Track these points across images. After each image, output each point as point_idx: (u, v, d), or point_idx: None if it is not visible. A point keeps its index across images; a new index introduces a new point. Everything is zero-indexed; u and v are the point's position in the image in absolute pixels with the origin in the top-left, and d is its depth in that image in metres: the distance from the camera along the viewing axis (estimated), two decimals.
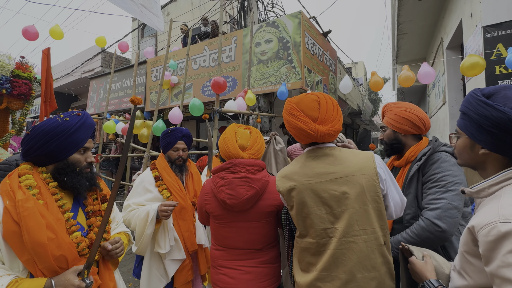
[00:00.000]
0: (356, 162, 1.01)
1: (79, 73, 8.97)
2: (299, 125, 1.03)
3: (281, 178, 1.09)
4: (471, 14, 4.08)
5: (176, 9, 8.44)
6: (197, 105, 3.40)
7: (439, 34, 6.58)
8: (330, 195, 0.97)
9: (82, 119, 1.07)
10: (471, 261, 0.71)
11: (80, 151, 1.07)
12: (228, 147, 1.31)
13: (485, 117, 0.71)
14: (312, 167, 1.03)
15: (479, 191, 0.75)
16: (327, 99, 1.06)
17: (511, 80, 3.39)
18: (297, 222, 1.04)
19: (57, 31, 4.20)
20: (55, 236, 0.91)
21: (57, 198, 1.02)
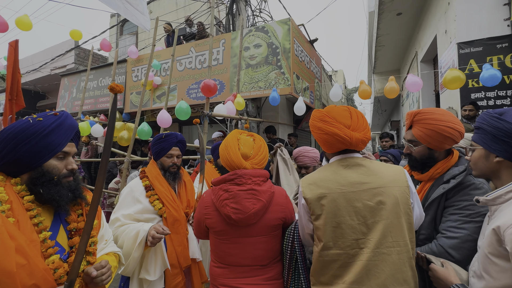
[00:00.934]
0: (388, 174, 1.00)
1: (48, 69, 8.28)
2: (333, 131, 1.01)
3: (309, 185, 1.03)
4: (445, 31, 4.40)
5: (159, 8, 8.16)
6: (184, 108, 3.26)
7: (414, 47, 7.05)
8: (364, 205, 0.94)
9: (59, 119, 0.92)
10: (496, 261, 0.76)
11: (58, 157, 0.92)
12: (230, 156, 1.21)
13: (498, 129, 0.83)
14: (345, 175, 0.99)
15: (495, 198, 0.82)
16: (356, 110, 1.07)
17: (481, 93, 3.69)
18: (323, 233, 0.97)
19: (24, 21, 3.84)
20: (26, 261, 0.76)
21: (32, 214, 0.86)
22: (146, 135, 3.53)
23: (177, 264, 1.59)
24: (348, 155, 1.06)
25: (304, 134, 7.08)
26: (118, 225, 1.52)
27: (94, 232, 0.99)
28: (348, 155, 1.06)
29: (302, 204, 1.06)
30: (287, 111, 5.78)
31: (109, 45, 5.08)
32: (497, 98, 3.60)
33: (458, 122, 1.12)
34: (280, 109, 5.43)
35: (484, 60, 3.63)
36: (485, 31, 3.69)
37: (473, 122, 3.40)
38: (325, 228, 0.97)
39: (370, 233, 0.92)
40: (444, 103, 4.58)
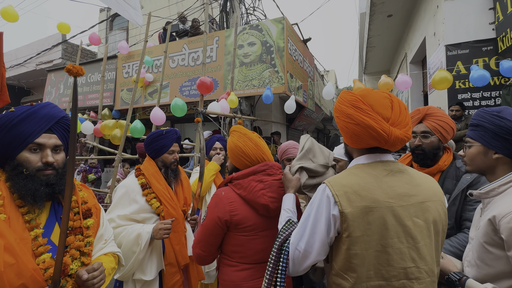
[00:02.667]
0: (429, 185, 0.84)
1: (33, 64, 7.98)
2: (368, 122, 0.78)
3: (346, 193, 0.77)
4: (434, 33, 4.53)
5: (151, 4, 8.01)
6: (180, 105, 3.22)
7: (404, 49, 7.22)
8: (414, 224, 0.76)
9: (32, 108, 0.87)
10: (491, 250, 0.80)
11: (31, 149, 0.85)
12: (261, 149, 1.23)
13: (500, 127, 0.87)
14: (391, 185, 0.79)
15: (489, 192, 0.86)
16: (398, 100, 0.85)
17: (468, 94, 3.82)
18: (363, 261, 0.75)
19: (10, 12, 3.69)
20: (15, 261, 0.73)
21: (24, 211, 0.82)
22: (139, 133, 3.47)
23: (175, 263, 1.57)
24: (384, 157, 0.86)
25: (296, 133, 7.14)
26: (113, 226, 1.47)
27: (90, 231, 0.96)
28: (384, 157, 0.86)
29: (325, 219, 0.79)
30: (280, 110, 5.81)
31: (99, 39, 4.95)
32: (482, 99, 3.75)
33: None
34: (274, 107, 5.45)
35: (470, 62, 3.77)
36: (472, 34, 3.83)
37: (459, 122, 3.53)
38: (367, 253, 0.75)
39: (420, 260, 0.76)
40: (432, 103, 4.73)
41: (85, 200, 1.00)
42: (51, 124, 0.89)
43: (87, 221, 0.96)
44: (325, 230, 0.78)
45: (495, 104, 3.66)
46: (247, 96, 4.62)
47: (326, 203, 0.79)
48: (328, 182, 0.81)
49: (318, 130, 11.13)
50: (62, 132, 0.93)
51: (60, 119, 0.92)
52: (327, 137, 12.90)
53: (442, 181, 1.28)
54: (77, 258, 0.89)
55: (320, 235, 0.79)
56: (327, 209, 0.78)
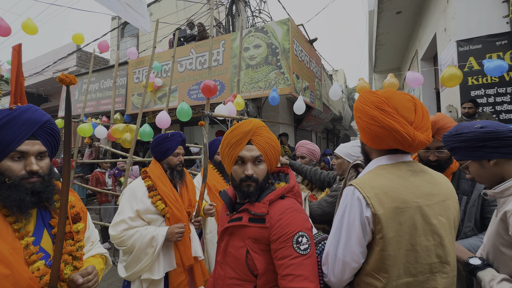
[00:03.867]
0: (446, 183, 0.87)
1: (50, 72, 8.37)
2: (393, 126, 0.78)
3: (377, 194, 0.77)
4: (445, 29, 4.41)
5: (160, 10, 8.22)
6: (185, 109, 3.29)
7: (414, 46, 7.04)
8: (439, 222, 0.79)
9: (12, 113, 0.81)
10: (504, 251, 0.80)
11: (14, 157, 0.80)
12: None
13: (467, 141, 0.89)
14: (417, 184, 0.80)
15: (503, 191, 0.85)
16: (421, 103, 0.86)
17: (481, 90, 3.69)
18: (395, 261, 0.75)
19: (30, 26, 3.88)
20: (10, 271, 0.72)
21: (11, 220, 0.80)
22: (148, 136, 3.57)
23: (180, 263, 1.61)
24: (406, 157, 0.87)
25: (304, 134, 7.10)
26: (124, 228, 1.52)
27: (80, 236, 0.95)
28: (406, 157, 0.87)
29: (359, 222, 0.78)
30: (287, 111, 5.80)
31: (107, 46, 5.13)
32: (497, 95, 3.60)
33: None
34: (281, 108, 5.45)
35: (484, 57, 3.63)
36: (484, 29, 3.69)
37: (472, 120, 3.41)
38: (399, 253, 0.76)
39: (445, 256, 0.79)
40: (444, 101, 4.59)
41: (72, 205, 0.98)
42: (34, 129, 0.84)
43: (77, 225, 0.96)
44: (361, 232, 0.78)
45: (511, 101, 3.52)
46: (254, 98, 4.65)
47: (357, 205, 0.78)
48: (356, 184, 0.80)
49: (328, 130, 11.01)
50: (46, 138, 0.88)
51: (43, 124, 0.87)
52: (337, 137, 12.73)
53: (457, 182, 1.28)
54: (70, 263, 0.89)
55: (356, 238, 0.78)
56: (359, 211, 0.77)
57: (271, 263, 0.90)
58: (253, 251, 0.90)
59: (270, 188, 1.00)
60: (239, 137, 0.97)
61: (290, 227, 0.88)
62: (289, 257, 0.85)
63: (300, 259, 0.84)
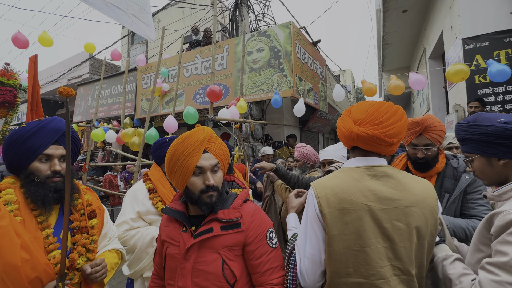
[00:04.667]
0: (420, 189, 0.86)
1: (65, 79, 8.76)
2: (338, 123, 0.95)
3: (326, 194, 0.83)
4: (451, 26, 4.33)
5: (167, 17, 8.45)
6: (192, 113, 3.39)
7: (422, 44, 6.91)
8: (394, 227, 0.80)
9: (40, 123, 0.98)
10: (482, 248, 0.79)
11: (41, 159, 0.96)
12: None
13: (484, 134, 0.84)
14: (372, 188, 0.83)
15: (501, 194, 0.83)
16: (388, 107, 0.88)
17: (489, 88, 3.60)
18: (341, 256, 0.80)
19: (46, 38, 4.12)
20: (30, 257, 0.84)
21: (36, 214, 0.94)
22: (154, 139, 3.70)
23: None
24: (374, 162, 0.89)
25: (310, 135, 7.09)
26: (126, 228, 1.59)
27: (94, 230, 1.07)
28: (374, 162, 0.89)
29: (314, 219, 0.84)
30: (291, 113, 5.81)
31: (119, 55, 5.35)
32: (505, 93, 3.50)
33: None
34: (285, 110, 5.49)
35: (491, 54, 3.55)
36: (491, 26, 3.61)
37: None
38: (345, 251, 0.80)
39: (397, 260, 0.80)
40: (452, 100, 4.49)
41: (89, 203, 1.12)
42: (58, 136, 1.00)
43: (92, 221, 1.08)
44: (319, 228, 0.83)
45: None
46: (257, 101, 4.71)
47: (311, 203, 0.85)
48: (313, 184, 0.88)
49: (335, 131, 10.90)
50: (65, 143, 1.03)
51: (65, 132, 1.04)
52: None
53: (441, 181, 1.32)
54: (83, 254, 1.00)
55: (317, 234, 0.83)
56: (313, 208, 0.85)
57: (245, 266, 0.93)
58: (229, 259, 0.89)
59: (230, 194, 1.00)
60: (194, 146, 0.92)
61: (263, 226, 0.95)
62: (266, 254, 0.92)
63: (274, 252, 0.95)
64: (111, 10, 2.83)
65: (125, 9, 2.84)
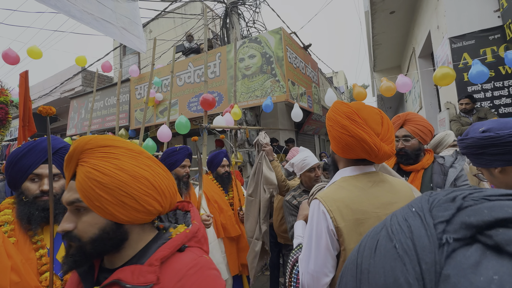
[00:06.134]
0: (405, 190, 0.90)
1: (58, 93, 8.70)
2: (362, 136, 0.82)
3: (338, 207, 0.80)
4: (437, 26, 4.42)
5: (158, 27, 8.50)
6: (183, 123, 3.38)
7: (411, 44, 7.04)
8: None
9: (32, 143, 0.98)
10: None
11: (32, 179, 0.96)
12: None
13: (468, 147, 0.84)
14: (376, 195, 0.84)
15: None
16: (386, 117, 0.90)
17: (478, 85, 3.66)
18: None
19: (35, 51, 4.10)
20: (19, 279, 0.83)
21: (31, 234, 0.94)
22: (151, 149, 3.68)
23: None
24: (368, 168, 0.90)
25: (307, 138, 7.11)
26: None
27: None
28: (368, 168, 0.90)
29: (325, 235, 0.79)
30: (286, 117, 5.86)
31: (110, 66, 5.34)
32: (494, 89, 3.57)
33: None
34: (280, 115, 5.52)
35: (478, 52, 3.62)
36: (476, 24, 3.69)
37: (470, 115, 3.38)
38: None
39: None
40: (443, 98, 4.56)
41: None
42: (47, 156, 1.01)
43: None
44: (329, 244, 0.79)
45: (509, 94, 3.48)
46: (252, 107, 4.73)
47: (323, 218, 0.80)
48: (320, 198, 0.83)
49: None
50: (60, 162, 1.01)
51: (58, 150, 1.02)
52: None
53: (430, 176, 1.40)
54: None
55: (326, 250, 0.79)
56: (325, 224, 0.80)
57: None
58: None
59: (161, 237, 0.64)
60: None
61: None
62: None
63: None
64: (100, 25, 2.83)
65: (114, 23, 2.85)
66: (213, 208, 2.22)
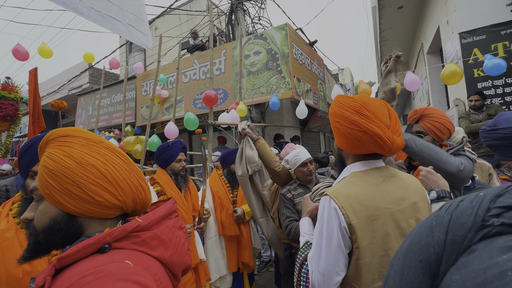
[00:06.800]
0: (417, 185, 0.88)
1: (66, 90, 8.84)
2: (375, 130, 0.78)
3: (351, 204, 0.77)
4: (447, 21, 4.32)
5: (164, 24, 8.52)
6: (192, 119, 3.41)
7: (419, 40, 6.90)
8: (409, 225, 0.80)
9: (32, 140, 0.98)
10: None
11: (32, 176, 0.98)
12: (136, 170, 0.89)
13: (502, 138, 0.84)
14: (388, 190, 0.81)
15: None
16: (391, 108, 0.87)
17: (488, 82, 3.58)
18: (369, 266, 0.76)
19: (45, 50, 4.16)
20: (31, 269, 0.86)
21: None
22: (156, 146, 3.71)
23: None
24: (378, 163, 0.87)
25: (312, 135, 7.08)
26: None
27: None
28: (378, 163, 0.87)
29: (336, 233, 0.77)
30: (292, 114, 5.83)
31: (117, 63, 5.39)
32: (505, 85, 3.49)
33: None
34: (285, 112, 5.49)
35: (489, 47, 3.54)
36: (488, 19, 3.60)
37: (480, 112, 3.32)
38: (373, 260, 0.76)
39: None
40: (452, 94, 4.47)
41: None
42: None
43: None
44: (342, 242, 0.76)
45: None
46: (257, 103, 4.72)
47: (334, 215, 0.77)
48: (331, 194, 0.80)
49: None
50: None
51: None
52: None
53: None
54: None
55: (337, 248, 0.77)
56: (336, 221, 0.77)
57: None
58: None
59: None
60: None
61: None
62: None
63: None
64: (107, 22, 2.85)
65: (121, 20, 2.86)
66: (215, 204, 2.25)
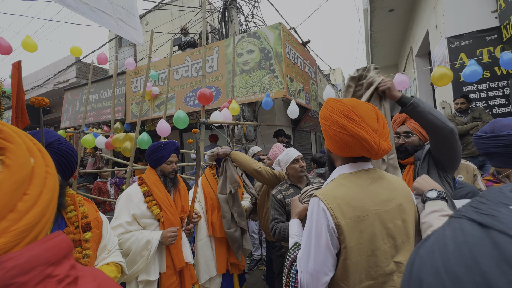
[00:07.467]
0: (403, 187, 0.90)
1: (51, 84, 8.52)
2: (361, 134, 0.80)
3: (339, 205, 0.79)
4: (436, 25, 4.44)
5: (155, 19, 8.34)
6: (182, 117, 3.36)
7: (409, 42, 7.07)
8: (395, 225, 0.82)
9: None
10: None
11: None
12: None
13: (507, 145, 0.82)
14: (375, 192, 0.84)
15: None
16: (380, 112, 0.89)
17: (473, 86, 3.71)
18: (357, 267, 0.78)
19: (30, 43, 3.99)
20: None
21: None
22: (146, 144, 3.64)
23: (172, 266, 1.70)
24: (366, 165, 0.90)
25: (303, 135, 7.13)
26: (121, 231, 1.60)
27: (88, 244, 1.04)
28: (366, 165, 0.90)
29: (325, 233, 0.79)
30: (284, 113, 5.85)
31: (106, 58, 5.24)
32: (489, 89, 3.62)
33: None
34: (277, 111, 5.51)
35: (474, 53, 3.66)
36: (474, 24, 3.72)
37: (465, 115, 3.43)
38: (360, 260, 0.78)
39: (398, 255, 0.82)
40: (439, 97, 4.61)
41: (85, 215, 1.09)
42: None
43: (86, 234, 1.05)
44: (330, 242, 0.78)
45: (503, 95, 3.53)
46: (249, 102, 4.71)
47: (323, 216, 0.79)
48: (320, 195, 0.82)
49: None
50: (53, 156, 1.00)
51: (50, 144, 0.99)
52: None
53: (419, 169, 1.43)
54: None
55: (325, 248, 0.78)
56: (325, 222, 0.78)
57: None
58: None
59: None
60: None
61: None
62: None
63: None
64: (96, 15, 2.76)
65: (111, 14, 2.78)
66: (207, 205, 2.23)
